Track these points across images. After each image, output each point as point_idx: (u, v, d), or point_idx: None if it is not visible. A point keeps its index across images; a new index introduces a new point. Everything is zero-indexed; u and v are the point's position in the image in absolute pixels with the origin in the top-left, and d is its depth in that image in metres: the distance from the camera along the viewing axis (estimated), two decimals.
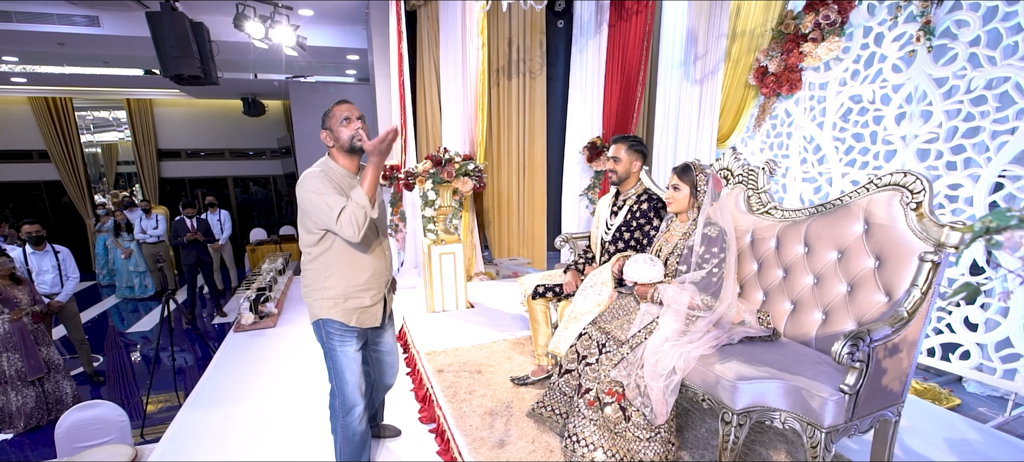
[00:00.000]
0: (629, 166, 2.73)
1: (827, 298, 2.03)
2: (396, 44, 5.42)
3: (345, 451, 2.19)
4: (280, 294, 5.46)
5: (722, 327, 2.05)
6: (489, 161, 6.09)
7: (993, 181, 2.91)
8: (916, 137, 3.29)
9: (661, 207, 2.66)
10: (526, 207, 6.28)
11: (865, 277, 1.91)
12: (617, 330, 2.19)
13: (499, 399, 2.75)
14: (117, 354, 6.44)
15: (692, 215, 2.26)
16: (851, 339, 1.53)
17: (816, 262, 2.10)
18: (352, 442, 2.17)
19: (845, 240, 2.00)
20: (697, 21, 5.01)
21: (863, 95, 3.64)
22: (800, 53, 3.94)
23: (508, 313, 4.29)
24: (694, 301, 2.09)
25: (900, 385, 1.77)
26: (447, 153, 4.11)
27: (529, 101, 6.14)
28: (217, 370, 3.68)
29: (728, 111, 4.92)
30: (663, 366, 1.93)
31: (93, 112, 11.79)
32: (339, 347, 2.09)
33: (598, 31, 5.57)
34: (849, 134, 3.76)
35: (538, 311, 2.85)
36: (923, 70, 3.23)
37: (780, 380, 1.72)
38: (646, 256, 2.28)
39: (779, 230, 2.29)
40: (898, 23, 3.38)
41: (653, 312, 2.15)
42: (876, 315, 1.83)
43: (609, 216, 2.84)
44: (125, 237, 8.58)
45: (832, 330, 1.98)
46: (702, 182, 2.20)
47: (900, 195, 1.85)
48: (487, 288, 5.15)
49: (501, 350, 3.47)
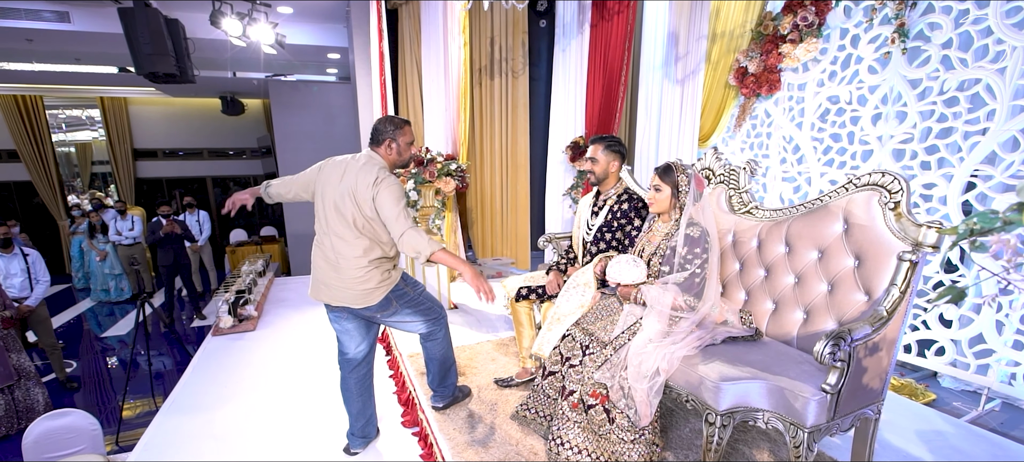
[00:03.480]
0: (607, 166, 2.72)
1: (808, 297, 2.05)
2: (377, 42, 5.36)
3: (449, 338, 2.57)
4: (260, 297, 5.37)
5: (705, 327, 2.06)
6: (472, 161, 6.05)
7: (966, 180, 2.97)
8: (892, 137, 3.35)
9: (642, 207, 2.66)
10: (509, 207, 6.27)
11: (845, 276, 1.93)
12: (600, 331, 2.19)
13: (483, 401, 2.73)
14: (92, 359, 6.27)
15: (674, 216, 2.26)
16: (832, 339, 1.55)
17: (797, 262, 2.12)
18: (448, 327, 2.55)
19: (825, 240, 2.02)
20: (678, 22, 5.05)
21: (840, 96, 3.70)
22: (779, 54, 3.99)
23: (492, 314, 4.27)
24: (677, 302, 2.09)
25: (880, 383, 1.79)
26: (429, 153, 4.07)
27: (512, 100, 6.12)
28: (194, 375, 3.59)
29: (709, 111, 4.97)
30: (647, 367, 1.92)
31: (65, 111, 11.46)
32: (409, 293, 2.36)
33: (580, 31, 5.58)
34: (827, 134, 3.81)
35: (522, 313, 2.83)
36: (898, 71, 3.29)
37: (763, 380, 1.72)
38: (629, 257, 2.28)
39: (761, 230, 2.30)
40: (873, 25, 3.43)
41: (636, 313, 2.15)
42: (856, 314, 1.86)
43: (590, 216, 2.83)
44: (100, 239, 8.36)
45: (813, 329, 2.00)
46: (684, 182, 2.20)
47: (879, 195, 1.87)
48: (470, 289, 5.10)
49: (485, 351, 3.45)
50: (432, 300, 2.46)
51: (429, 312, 2.41)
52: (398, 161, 2.32)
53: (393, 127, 2.27)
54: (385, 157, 2.27)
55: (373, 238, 2.18)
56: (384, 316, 2.30)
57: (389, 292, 2.24)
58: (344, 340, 2.41)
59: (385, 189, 2.12)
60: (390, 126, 2.28)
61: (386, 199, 2.12)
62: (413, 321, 2.37)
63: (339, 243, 2.19)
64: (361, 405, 2.46)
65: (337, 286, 2.21)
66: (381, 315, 2.29)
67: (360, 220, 2.16)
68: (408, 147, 2.32)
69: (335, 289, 2.22)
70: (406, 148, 2.31)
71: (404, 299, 2.31)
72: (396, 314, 2.31)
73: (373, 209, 2.14)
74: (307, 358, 3.76)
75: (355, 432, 2.49)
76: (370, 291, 2.19)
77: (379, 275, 2.20)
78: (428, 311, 2.41)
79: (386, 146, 2.26)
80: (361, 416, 2.47)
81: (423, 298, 2.40)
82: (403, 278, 2.34)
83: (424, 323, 2.40)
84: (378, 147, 2.28)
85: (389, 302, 2.25)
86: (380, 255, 2.21)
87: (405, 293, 2.32)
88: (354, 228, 2.16)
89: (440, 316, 2.46)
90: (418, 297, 2.37)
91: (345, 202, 2.16)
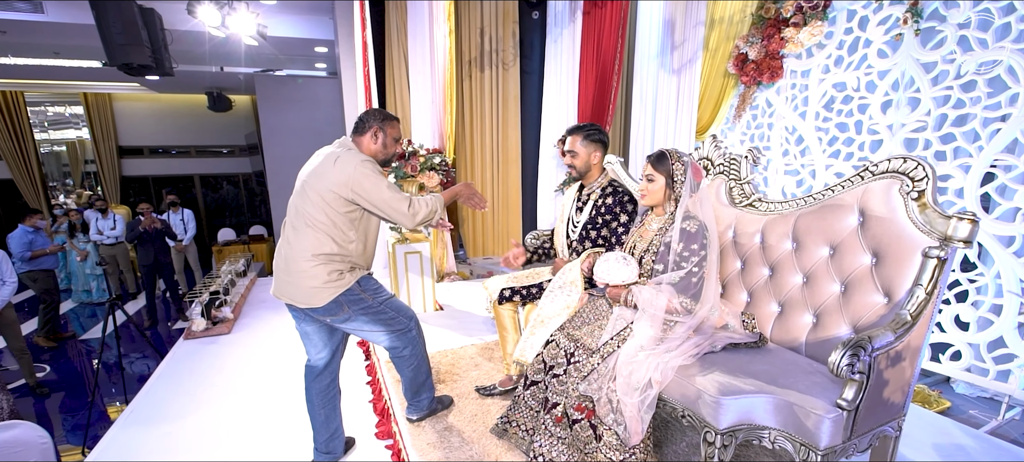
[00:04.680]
0: (587, 158, 2.50)
1: (818, 299, 1.83)
2: (360, 32, 5.13)
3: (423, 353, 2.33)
4: (239, 297, 5.13)
5: (703, 333, 1.84)
6: (462, 155, 5.83)
7: (985, 171, 2.75)
8: (903, 126, 3.13)
9: (628, 200, 2.44)
10: (500, 203, 6.04)
11: (861, 276, 1.71)
12: (587, 337, 1.97)
13: (463, 412, 2.51)
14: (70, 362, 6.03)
15: (669, 208, 2.04)
16: (850, 349, 1.33)
17: (806, 259, 1.90)
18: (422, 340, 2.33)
19: (838, 235, 1.80)
20: (674, 9, 4.83)
21: (847, 83, 3.48)
22: (781, 39, 3.77)
23: (478, 316, 4.05)
24: (672, 304, 1.87)
25: (903, 397, 1.57)
26: (411, 146, 3.84)
27: (503, 93, 5.89)
28: (159, 382, 3.36)
29: (707, 101, 4.75)
30: (638, 378, 1.71)
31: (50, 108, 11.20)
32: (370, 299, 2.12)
33: (573, 19, 5.35)
34: (833, 124, 3.59)
35: (505, 316, 2.61)
36: (910, 55, 3.07)
37: (769, 394, 1.51)
38: (618, 254, 2.05)
39: (764, 224, 2.08)
40: (883, 6, 3.21)
41: (627, 317, 1.93)
42: (874, 318, 1.64)
43: (574, 212, 2.61)
44: (80, 238, 8.12)
45: (825, 335, 1.78)
46: (679, 172, 1.98)
47: (899, 183, 1.65)
48: (457, 290, 4.90)
49: (468, 356, 3.23)
50: (398, 311, 2.19)
51: (392, 323, 2.15)
52: (381, 154, 2.13)
53: (381, 118, 2.10)
54: (367, 147, 2.10)
55: (329, 232, 1.97)
56: (336, 322, 2.07)
57: (339, 295, 2.00)
58: (305, 344, 2.20)
59: (364, 177, 1.94)
60: (378, 115, 2.10)
61: (370, 187, 1.95)
62: (373, 331, 2.13)
63: (291, 233, 2.01)
64: (324, 417, 2.24)
65: (285, 280, 2.01)
66: (332, 320, 2.06)
67: (317, 212, 1.96)
68: (394, 143, 2.15)
69: (283, 284, 2.02)
70: (392, 143, 2.14)
71: (359, 306, 2.06)
72: (350, 321, 2.07)
73: (345, 203, 1.96)
74: (282, 363, 3.53)
75: (319, 447, 2.26)
76: (314, 290, 1.97)
77: (325, 274, 1.97)
78: (390, 323, 2.15)
79: (371, 135, 2.08)
80: (324, 429, 2.25)
81: (385, 308, 2.14)
82: (361, 283, 2.08)
83: (386, 335, 2.15)
84: (361, 136, 2.09)
85: (339, 306, 2.01)
86: (332, 252, 1.98)
87: (361, 300, 2.06)
88: (307, 218, 1.97)
89: (406, 329, 2.19)
90: (379, 306, 2.11)
91: (306, 192, 1.99)
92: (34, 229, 5.94)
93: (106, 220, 7.68)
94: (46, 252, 5.92)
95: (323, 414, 2.23)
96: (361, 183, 1.94)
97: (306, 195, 1.99)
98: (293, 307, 2.07)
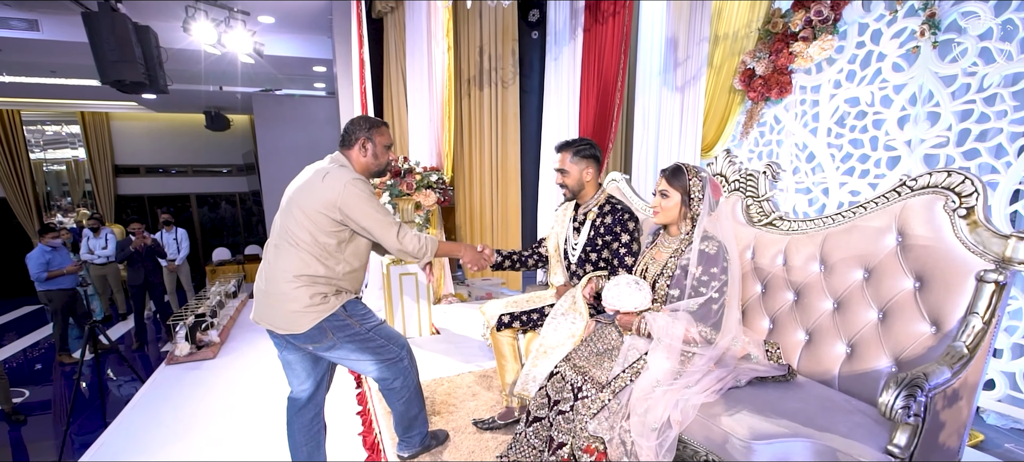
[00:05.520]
0: (580, 176, 2.33)
1: (853, 327, 1.65)
2: (358, 49, 5.03)
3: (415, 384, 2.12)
4: (228, 320, 4.94)
5: (725, 365, 1.66)
6: (460, 174, 5.69)
7: (1013, 188, 2.60)
8: (922, 141, 2.99)
9: (629, 217, 2.26)
10: (499, 223, 5.87)
11: (903, 302, 1.53)
12: (595, 369, 1.78)
13: (459, 448, 2.31)
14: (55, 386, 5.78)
15: (684, 228, 1.88)
16: (906, 387, 1.15)
17: (836, 283, 1.73)
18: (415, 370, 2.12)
19: (873, 256, 1.63)
20: (677, 25, 4.72)
21: (860, 97, 3.34)
22: (790, 54, 3.65)
23: (476, 340, 3.85)
24: (690, 333, 1.69)
25: (958, 440, 1.38)
26: (407, 163, 3.69)
27: (502, 111, 5.77)
28: (134, 412, 3.16)
29: (712, 118, 4.62)
30: (655, 417, 1.52)
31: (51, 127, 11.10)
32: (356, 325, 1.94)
33: (573, 36, 5.25)
34: (846, 140, 3.45)
35: (504, 344, 2.41)
36: (928, 68, 2.94)
37: (807, 438, 1.32)
38: (629, 278, 1.88)
39: (787, 244, 1.91)
40: (897, 18, 3.09)
41: (640, 347, 1.75)
42: (921, 350, 1.46)
43: (571, 233, 2.43)
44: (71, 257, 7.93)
45: (862, 367, 1.60)
46: (697, 188, 1.82)
47: (943, 200, 1.49)
48: (455, 312, 4.70)
49: (466, 385, 3.04)
50: (388, 338, 1.99)
51: (381, 352, 1.95)
52: (373, 165, 1.98)
53: (368, 126, 1.94)
54: (358, 161, 1.95)
55: (313, 252, 1.80)
56: (320, 350, 1.88)
57: (322, 320, 1.82)
58: (287, 375, 2.02)
59: (354, 196, 1.79)
60: (363, 125, 1.94)
61: (359, 206, 1.80)
62: (360, 361, 1.93)
63: (273, 253, 1.85)
64: (306, 455, 2.04)
65: (264, 303, 1.84)
66: (315, 348, 1.88)
67: (301, 231, 1.80)
68: (385, 151, 2.00)
69: (262, 307, 1.85)
70: (383, 151, 1.99)
71: (345, 333, 1.87)
72: (335, 349, 1.89)
73: (332, 222, 1.81)
74: (269, 392, 3.33)
75: None
76: (295, 315, 1.79)
77: (307, 297, 1.79)
78: (379, 351, 1.95)
79: (359, 147, 1.93)
80: None
81: (374, 335, 1.95)
82: (347, 307, 1.90)
83: (375, 365, 1.95)
84: (350, 150, 1.94)
85: (323, 333, 1.83)
86: (316, 273, 1.81)
87: (347, 326, 1.88)
88: (291, 236, 1.82)
89: (397, 359, 1.99)
90: (367, 333, 1.93)
91: (291, 209, 1.84)
92: (52, 248, 5.81)
93: (98, 239, 7.51)
94: (63, 272, 5.76)
95: (306, 452, 2.04)
96: (349, 203, 1.80)
97: (291, 212, 1.83)
98: (274, 333, 1.89)
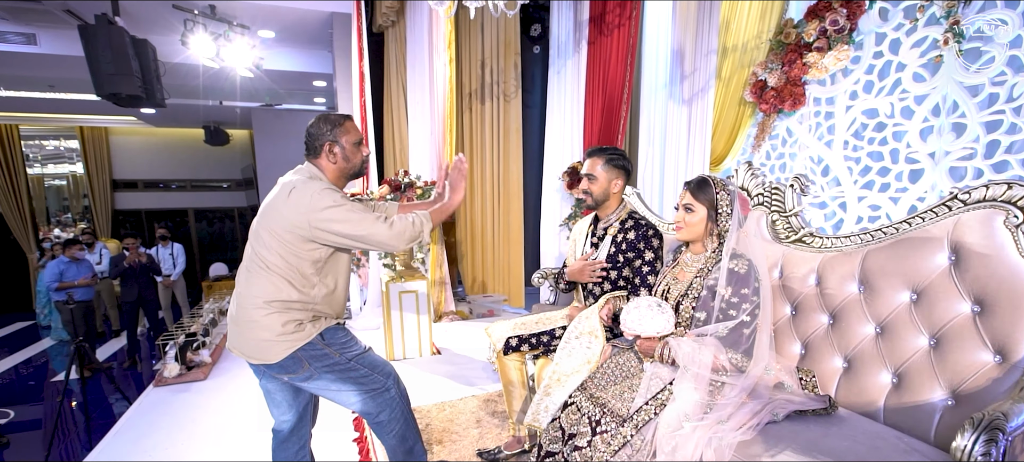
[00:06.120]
0: (607, 185, 2.18)
1: (900, 355, 1.50)
2: (358, 63, 4.93)
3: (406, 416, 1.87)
4: (221, 339, 4.76)
5: (759, 396, 1.50)
6: None
7: None
8: (947, 154, 2.86)
9: (653, 234, 2.12)
10: (501, 238, 5.73)
11: (960, 327, 1.38)
12: (615, 400, 1.62)
13: None
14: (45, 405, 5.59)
15: (710, 245, 1.73)
16: (985, 431, 1.00)
17: (879, 305, 1.58)
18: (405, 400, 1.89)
19: (922, 276, 1.48)
20: (684, 38, 4.63)
21: (879, 109, 3.22)
22: (803, 64, 3.54)
23: (479, 360, 3.69)
24: (719, 361, 1.54)
25: None
26: (408, 177, 3.56)
27: (504, 125, 5.66)
28: (118, 439, 2.98)
29: (721, 131, 4.51)
30: (684, 456, 1.36)
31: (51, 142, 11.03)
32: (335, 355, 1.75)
33: (577, 49, 5.16)
34: (864, 152, 3.32)
35: (512, 369, 2.25)
36: (952, 77, 2.82)
37: None
38: (650, 300, 1.73)
39: (821, 263, 1.77)
40: (917, 27, 2.98)
41: (663, 376, 1.59)
42: (983, 382, 1.30)
43: (588, 248, 2.28)
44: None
45: (911, 400, 1.44)
46: (724, 202, 1.67)
47: (1003, 214, 1.34)
48: (456, 331, 4.54)
49: (469, 410, 2.87)
50: (372, 367, 1.78)
51: (364, 383, 1.75)
52: (347, 169, 1.79)
53: (330, 126, 1.73)
54: (328, 169, 1.76)
55: (285, 275, 1.63)
56: (296, 380, 1.71)
57: (297, 350, 1.64)
58: (268, 405, 1.86)
59: (325, 209, 1.59)
60: (326, 126, 1.73)
61: (334, 216, 1.60)
62: (341, 392, 1.74)
63: (244, 277, 1.68)
64: None
65: (234, 331, 1.68)
66: (291, 378, 1.70)
67: (270, 254, 1.64)
68: (356, 148, 1.79)
69: (234, 336, 1.69)
70: (354, 150, 1.78)
71: (323, 363, 1.69)
72: (312, 380, 1.70)
73: (305, 242, 1.63)
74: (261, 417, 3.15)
75: None
76: (266, 343, 1.62)
77: (279, 324, 1.61)
78: (362, 382, 1.74)
79: (326, 153, 1.74)
80: None
81: (356, 364, 1.75)
82: (325, 335, 1.71)
83: (358, 397, 1.75)
84: (317, 158, 1.75)
85: (298, 363, 1.65)
86: (290, 298, 1.64)
87: (325, 355, 1.69)
88: (260, 260, 1.65)
89: (382, 389, 1.78)
90: (347, 363, 1.73)
91: (259, 231, 1.67)
92: (71, 259, 5.69)
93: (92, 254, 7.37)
94: (75, 284, 5.62)
95: None
96: (320, 217, 1.59)
97: (259, 235, 1.66)
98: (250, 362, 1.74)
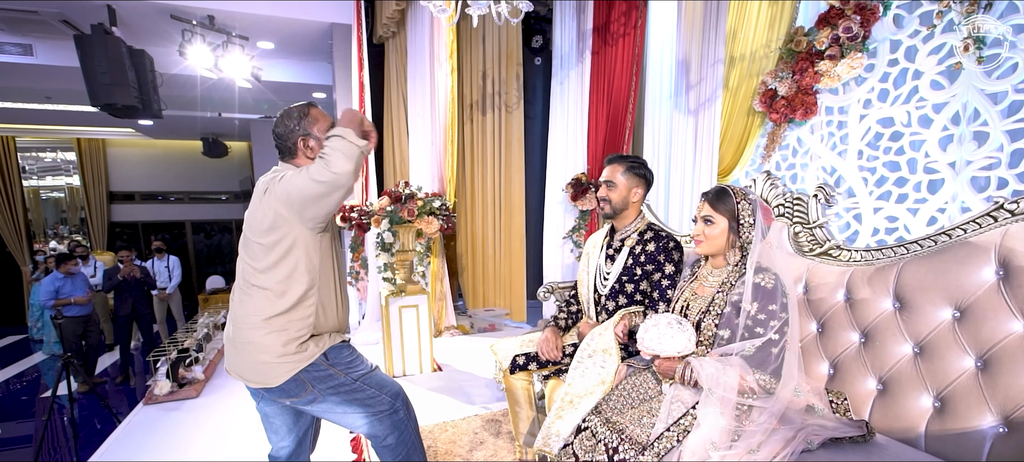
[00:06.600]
0: (627, 194, 2.06)
1: (942, 377, 1.39)
2: (357, 73, 4.86)
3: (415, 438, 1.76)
4: (215, 354, 4.63)
5: (790, 422, 1.38)
6: (462, 200, 5.46)
7: None
8: (969, 163, 2.76)
9: (674, 247, 2.01)
10: (503, 251, 5.62)
11: (1011, 348, 1.27)
12: (633, 425, 1.50)
13: None
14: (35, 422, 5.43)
15: (731, 259, 1.62)
16: None
17: (917, 323, 1.46)
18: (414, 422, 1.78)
19: (966, 292, 1.37)
20: (689, 48, 4.55)
21: (895, 117, 3.13)
22: (815, 73, 3.45)
23: (482, 377, 3.56)
24: (745, 382, 1.42)
25: None
26: (408, 188, 3.46)
27: (505, 136, 5.58)
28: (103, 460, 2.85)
29: (729, 142, 4.41)
30: None
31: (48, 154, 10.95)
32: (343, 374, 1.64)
33: (580, 60, 5.09)
34: (879, 163, 3.23)
35: (519, 388, 2.13)
36: (973, 85, 2.73)
37: None
38: (669, 317, 1.61)
39: (849, 277, 1.66)
40: (935, 34, 2.90)
41: (685, 400, 1.47)
42: None
43: (603, 261, 2.17)
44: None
45: (957, 426, 1.32)
46: (746, 213, 1.57)
47: None
48: (458, 346, 4.41)
49: (471, 431, 2.74)
50: (380, 387, 1.68)
51: (371, 404, 1.64)
52: None
53: (297, 119, 1.60)
54: (308, 156, 1.63)
55: (279, 287, 1.51)
56: (299, 404, 1.60)
57: (301, 371, 1.52)
58: (265, 430, 1.74)
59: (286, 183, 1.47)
60: (292, 121, 1.60)
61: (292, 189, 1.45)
62: (347, 414, 1.63)
63: (239, 296, 1.58)
64: None
65: (232, 353, 1.57)
66: (293, 402, 1.59)
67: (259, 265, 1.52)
68: None
69: (231, 358, 1.58)
70: None
71: (328, 384, 1.58)
72: (317, 403, 1.59)
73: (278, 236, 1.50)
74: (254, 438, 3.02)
75: None
76: (267, 366, 1.50)
77: (279, 344, 1.50)
78: (369, 403, 1.64)
79: (302, 148, 1.61)
80: None
81: (362, 385, 1.64)
82: (330, 355, 1.61)
83: (364, 419, 1.64)
84: (294, 157, 1.63)
85: (302, 385, 1.54)
86: (287, 310, 1.52)
87: (330, 377, 1.58)
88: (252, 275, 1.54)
89: (391, 411, 1.68)
90: (354, 383, 1.62)
91: (247, 243, 1.56)
92: (67, 275, 5.57)
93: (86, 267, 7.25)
94: (70, 302, 5.50)
95: None
96: (287, 192, 1.46)
97: (248, 247, 1.55)
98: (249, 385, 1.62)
